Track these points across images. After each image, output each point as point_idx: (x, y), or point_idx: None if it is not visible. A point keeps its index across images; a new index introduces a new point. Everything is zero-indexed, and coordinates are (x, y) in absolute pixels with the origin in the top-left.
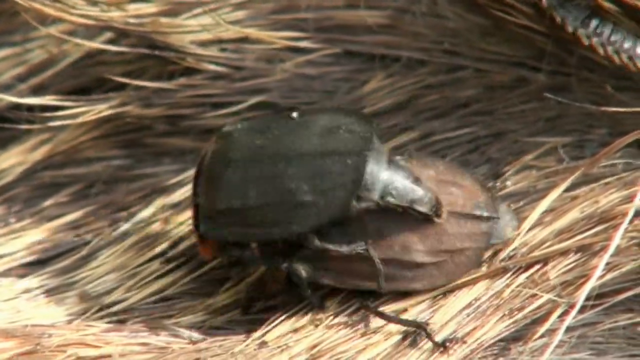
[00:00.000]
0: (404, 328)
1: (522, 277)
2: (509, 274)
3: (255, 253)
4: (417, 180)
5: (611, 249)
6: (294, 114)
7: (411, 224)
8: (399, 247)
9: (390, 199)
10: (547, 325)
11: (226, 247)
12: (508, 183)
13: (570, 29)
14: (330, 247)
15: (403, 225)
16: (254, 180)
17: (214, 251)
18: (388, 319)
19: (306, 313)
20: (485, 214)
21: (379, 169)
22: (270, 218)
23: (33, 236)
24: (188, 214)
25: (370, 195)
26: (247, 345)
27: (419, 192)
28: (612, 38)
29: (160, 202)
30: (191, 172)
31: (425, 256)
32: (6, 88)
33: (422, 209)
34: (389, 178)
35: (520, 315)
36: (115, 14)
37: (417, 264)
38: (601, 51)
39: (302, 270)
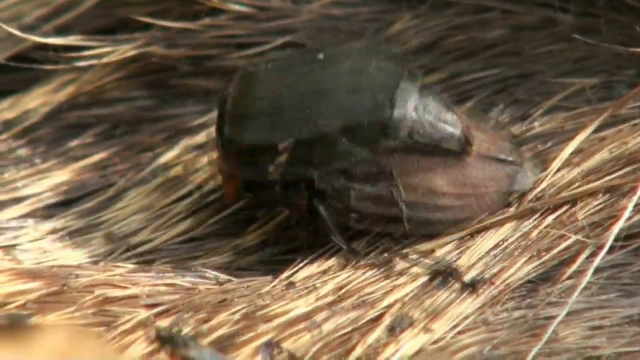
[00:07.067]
0: (431, 269)
1: (550, 218)
2: (536, 215)
3: (277, 192)
4: (447, 114)
5: None
6: (320, 55)
7: (436, 167)
8: (424, 190)
9: (419, 138)
10: (575, 267)
11: (250, 184)
12: (536, 124)
13: None
14: (355, 185)
15: (428, 168)
16: (281, 114)
17: (237, 188)
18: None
19: (333, 254)
20: (509, 158)
21: (408, 107)
22: (295, 154)
23: (59, 177)
24: (213, 154)
25: (399, 133)
26: (274, 286)
27: (447, 129)
28: None
29: (185, 143)
30: (215, 113)
31: (450, 199)
32: (31, 28)
33: (451, 146)
34: (418, 117)
35: (548, 256)
36: None
37: (442, 207)
38: None
39: (324, 211)
